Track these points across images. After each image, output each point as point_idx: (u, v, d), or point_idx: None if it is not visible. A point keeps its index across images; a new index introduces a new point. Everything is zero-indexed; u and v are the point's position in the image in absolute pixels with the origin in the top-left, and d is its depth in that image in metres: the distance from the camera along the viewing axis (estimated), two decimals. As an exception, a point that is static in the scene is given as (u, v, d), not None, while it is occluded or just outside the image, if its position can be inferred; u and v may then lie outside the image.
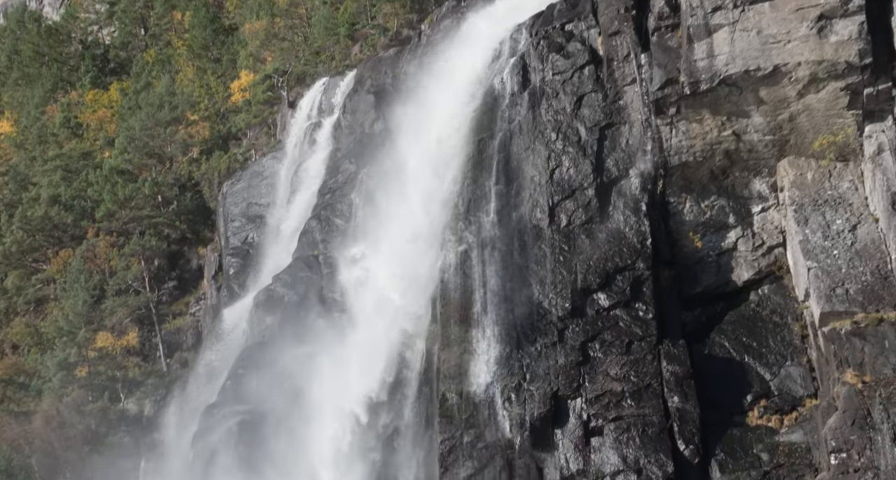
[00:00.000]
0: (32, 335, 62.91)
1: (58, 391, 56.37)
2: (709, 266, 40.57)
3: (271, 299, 45.88)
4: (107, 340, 57.25)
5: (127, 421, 55.19)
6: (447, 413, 39.32)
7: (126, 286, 59.80)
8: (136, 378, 56.26)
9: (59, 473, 53.92)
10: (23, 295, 64.00)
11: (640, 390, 38.04)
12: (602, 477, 37.52)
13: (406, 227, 42.41)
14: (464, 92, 43.16)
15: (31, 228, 64.57)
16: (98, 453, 54.30)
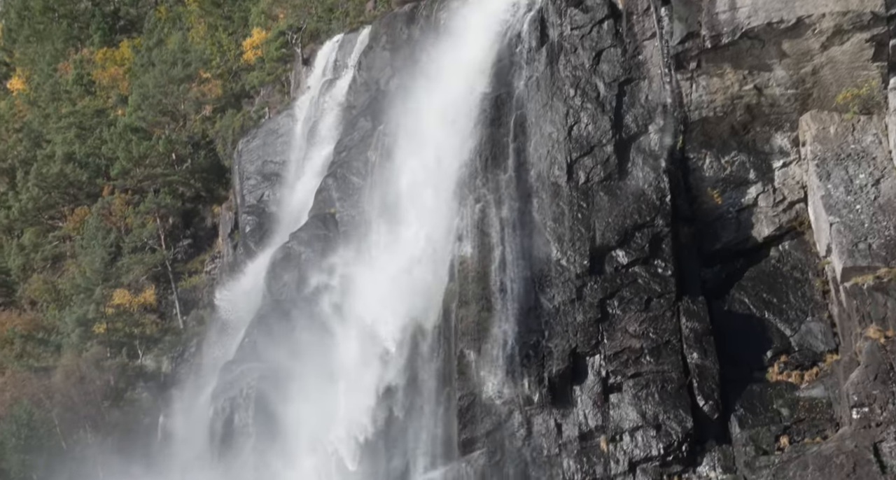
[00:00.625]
0: (50, 291, 62.92)
1: (77, 347, 56.38)
2: (729, 222, 39.95)
3: (288, 257, 45.47)
4: (124, 297, 57.12)
5: (145, 378, 55.20)
6: (465, 371, 38.97)
7: (142, 243, 59.60)
8: (154, 335, 56.24)
9: (79, 427, 53.95)
10: (40, 251, 63.94)
11: (659, 347, 37.62)
12: (621, 433, 37.19)
13: (423, 186, 41.82)
14: (481, 48, 42.37)
15: (47, 185, 64.39)
16: (117, 408, 54.30)
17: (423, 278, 40.73)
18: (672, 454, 36.63)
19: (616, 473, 36.99)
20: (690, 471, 36.55)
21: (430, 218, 41.11)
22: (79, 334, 56.70)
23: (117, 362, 55.49)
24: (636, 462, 36.88)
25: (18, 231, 65.98)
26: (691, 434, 36.61)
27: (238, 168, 54.67)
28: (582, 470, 37.18)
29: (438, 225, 40.86)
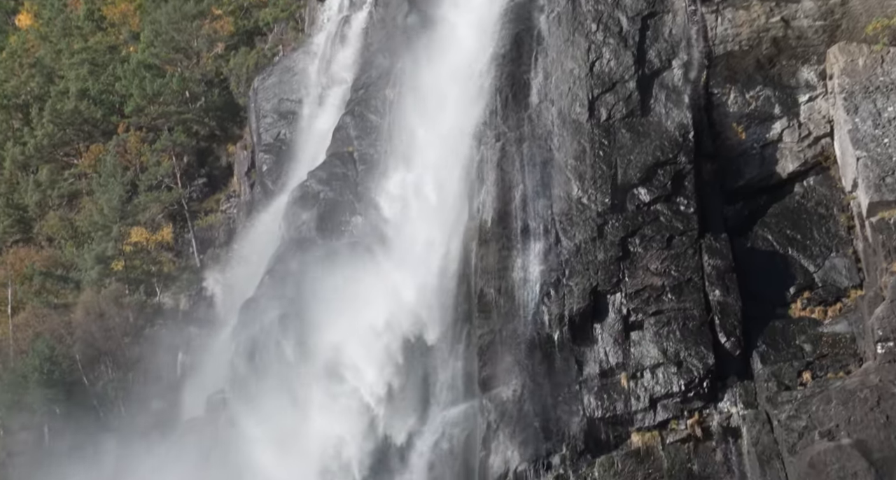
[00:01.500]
0: (67, 228, 62.52)
1: (96, 283, 55.98)
2: (752, 158, 38.93)
3: (306, 195, 44.54)
4: (141, 235, 56.54)
5: (163, 315, 54.86)
6: (485, 309, 38.23)
7: (157, 182, 58.82)
8: (171, 273, 55.64)
9: (99, 363, 53.66)
10: (56, 188, 63.34)
11: (680, 284, 36.86)
12: (642, 370, 36.56)
13: (441, 123, 40.68)
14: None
15: (62, 122, 63.61)
16: (137, 345, 53.91)
17: (444, 218, 39.79)
18: (693, 390, 36.07)
19: (637, 409, 36.44)
20: (711, 407, 36.01)
21: (449, 157, 40.12)
22: (98, 271, 56.28)
23: (136, 299, 55.10)
24: (657, 398, 36.33)
25: (34, 167, 65.33)
26: (713, 371, 36.02)
27: (254, 106, 53.56)
28: (602, 407, 36.62)
29: (458, 163, 39.87)
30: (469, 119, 40.00)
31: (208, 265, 55.67)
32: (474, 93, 40.07)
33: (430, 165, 40.64)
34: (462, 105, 40.37)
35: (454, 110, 40.46)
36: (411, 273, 39.62)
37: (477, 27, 40.87)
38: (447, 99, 40.75)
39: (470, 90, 40.14)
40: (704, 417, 35.92)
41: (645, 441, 36.35)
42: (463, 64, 40.75)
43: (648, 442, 36.26)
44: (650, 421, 36.28)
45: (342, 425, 39.81)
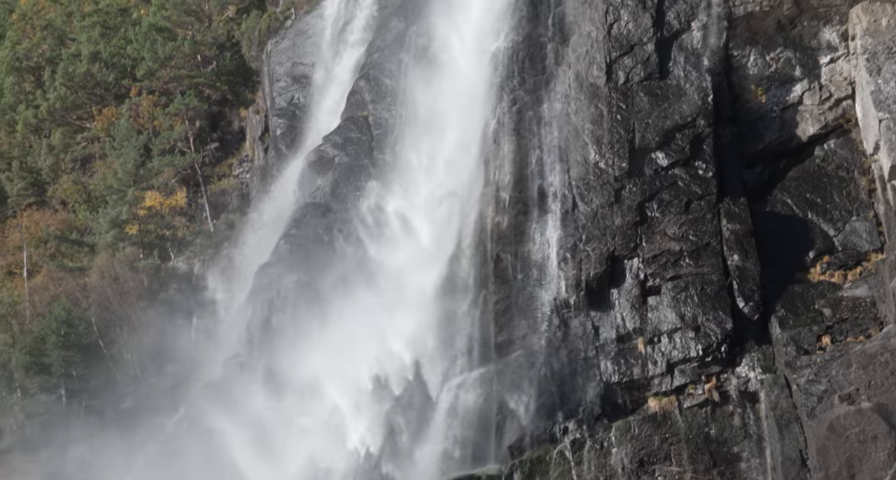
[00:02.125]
0: (80, 192, 61.61)
1: (111, 247, 55.21)
2: (772, 121, 37.85)
3: (321, 160, 43.58)
4: (155, 199, 55.57)
5: (178, 279, 54.12)
6: (501, 275, 37.49)
7: (171, 146, 57.82)
8: (185, 237, 54.81)
9: (115, 326, 52.95)
10: (69, 152, 62.48)
11: (698, 249, 36.03)
12: (659, 335, 35.84)
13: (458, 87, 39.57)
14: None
15: (74, 85, 62.57)
16: (152, 309, 53.24)
17: (458, 183, 38.81)
18: (711, 355, 35.39)
19: (654, 374, 35.77)
20: (729, 372, 35.35)
21: (465, 120, 39.07)
22: (113, 235, 55.55)
23: (150, 263, 54.33)
24: (674, 363, 35.65)
25: (47, 131, 64.33)
26: (731, 336, 35.31)
27: (267, 70, 52.41)
28: (619, 372, 35.96)
29: (473, 128, 38.83)
30: (485, 83, 38.97)
31: (221, 230, 54.89)
32: (490, 57, 39.04)
33: (445, 131, 39.69)
34: (477, 69, 39.32)
35: (469, 74, 39.46)
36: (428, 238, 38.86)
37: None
38: (463, 63, 39.73)
39: (486, 54, 39.11)
40: (722, 382, 35.27)
41: (662, 405, 35.71)
42: (478, 25, 39.62)
43: (665, 407, 35.62)
44: (667, 386, 35.65)
45: (351, 396, 39.22)
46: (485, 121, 38.69)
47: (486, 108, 38.73)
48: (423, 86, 40.92)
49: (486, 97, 38.75)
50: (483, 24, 39.65)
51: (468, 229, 38.42)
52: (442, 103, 40.24)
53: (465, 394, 37.53)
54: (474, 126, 38.79)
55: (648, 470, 35.12)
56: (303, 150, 47.16)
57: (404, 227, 40.03)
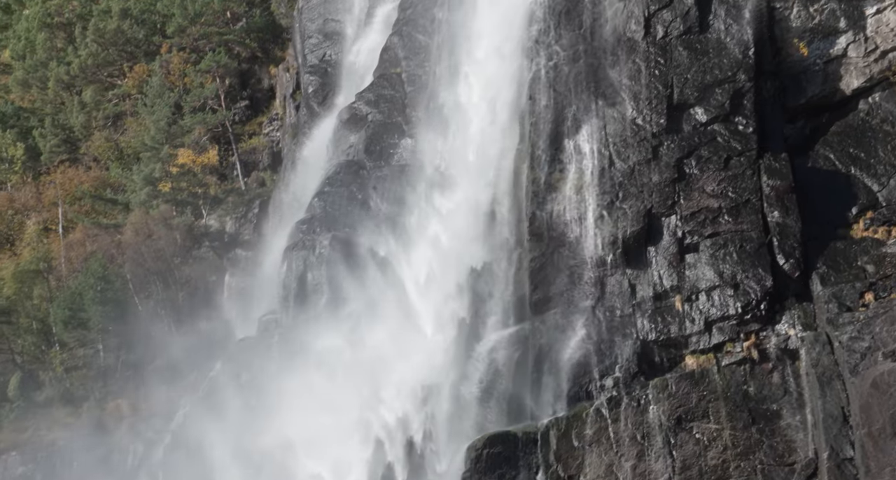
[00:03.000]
0: (112, 149, 60.26)
1: (145, 204, 53.98)
2: (815, 75, 36.16)
3: (354, 117, 42.07)
4: (188, 157, 54.14)
5: (210, 237, 52.97)
6: (537, 232, 36.02)
7: (202, 103, 56.23)
8: (217, 195, 53.46)
9: (149, 283, 51.84)
10: (101, 109, 61.15)
11: (738, 206, 34.54)
12: (697, 293, 34.45)
13: (492, 41, 37.75)
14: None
15: (105, 42, 61.10)
16: (185, 266, 52.08)
17: (493, 140, 37.17)
18: (750, 312, 34.05)
19: (691, 332, 34.44)
20: (769, 329, 34.02)
21: (499, 76, 37.30)
22: (146, 192, 54.37)
23: (183, 220, 53.13)
24: (712, 320, 34.33)
25: (79, 88, 62.90)
26: (770, 293, 33.96)
27: (299, 26, 50.67)
28: (656, 330, 34.65)
29: (508, 84, 37.08)
30: (521, 38, 37.15)
31: (253, 188, 53.50)
32: (526, 12, 37.15)
33: (481, 87, 37.94)
34: (513, 24, 37.45)
35: (505, 29, 37.62)
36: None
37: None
38: (498, 17, 37.88)
39: (521, 8, 37.22)
40: (761, 339, 33.97)
41: (699, 363, 34.42)
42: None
43: (703, 365, 34.34)
44: (705, 344, 34.35)
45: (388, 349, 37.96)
46: (520, 76, 37.08)
47: (522, 64, 37.05)
48: (458, 42, 39.22)
49: (523, 52, 37.01)
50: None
51: (503, 187, 37.02)
52: (477, 57, 38.56)
53: (501, 352, 36.39)
54: (510, 83, 37.17)
55: (686, 428, 33.92)
56: (335, 108, 45.78)
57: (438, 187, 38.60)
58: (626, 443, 34.10)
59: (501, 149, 37.27)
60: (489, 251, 37.26)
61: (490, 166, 37.37)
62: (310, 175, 45.41)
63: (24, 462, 48.18)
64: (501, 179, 37.13)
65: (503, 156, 37.22)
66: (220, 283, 51.23)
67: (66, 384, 50.83)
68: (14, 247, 58.85)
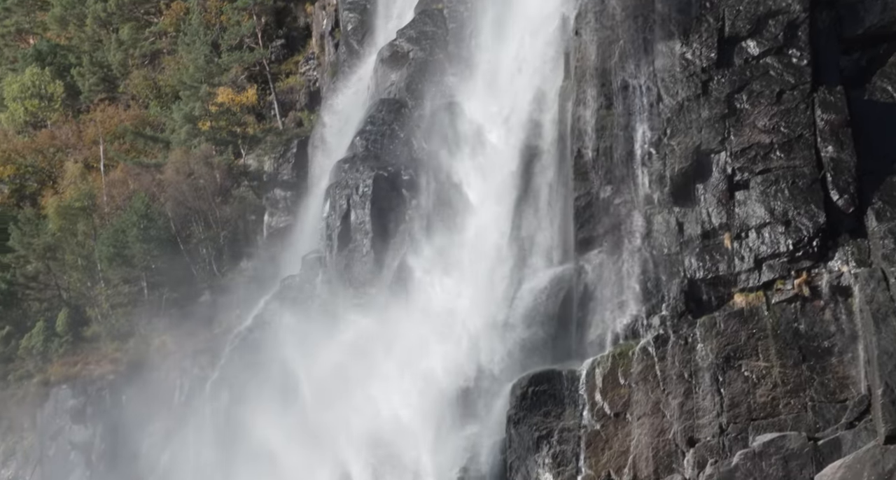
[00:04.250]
0: (151, 87, 58.23)
1: (185, 143, 52.10)
2: (873, 3, 33.35)
3: (395, 55, 39.85)
4: (227, 95, 51.98)
5: (249, 177, 51.11)
6: (582, 170, 34.03)
7: (239, 42, 53.91)
8: (256, 135, 51.39)
9: (190, 222, 50.21)
10: (138, 47, 58.90)
11: (790, 141, 32.33)
12: (746, 230, 32.49)
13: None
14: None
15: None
16: (226, 205, 50.39)
17: (536, 75, 34.91)
18: (802, 249, 32.07)
19: (740, 270, 32.53)
20: (821, 266, 32.05)
21: (544, 11, 34.89)
22: (186, 131, 52.38)
23: (223, 159, 51.17)
24: (762, 258, 32.38)
25: (116, 25, 60.66)
26: (823, 230, 31.93)
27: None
28: (704, 268, 32.75)
29: (553, 19, 34.69)
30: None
31: (290, 127, 51.47)
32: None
33: (525, 21, 35.56)
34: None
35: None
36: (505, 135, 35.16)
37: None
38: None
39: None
40: (813, 276, 32.00)
41: (749, 301, 32.57)
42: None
43: (752, 303, 32.48)
44: (754, 282, 32.46)
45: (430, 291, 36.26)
46: (565, 11, 34.65)
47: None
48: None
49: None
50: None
51: (547, 126, 34.88)
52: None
53: (545, 292, 34.59)
54: (554, 17, 34.75)
55: (734, 366, 32.19)
56: (375, 46, 43.40)
57: (480, 124, 36.45)
58: (674, 381, 32.46)
59: (546, 86, 35.18)
60: (533, 190, 35.36)
61: (535, 103, 35.23)
62: (350, 114, 43.40)
63: (75, 396, 47.54)
64: (546, 117, 35.08)
65: (547, 93, 35.13)
66: (259, 223, 49.65)
67: (111, 320, 49.72)
68: (56, 185, 57.40)
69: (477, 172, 36.18)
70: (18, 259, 53.40)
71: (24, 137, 61.10)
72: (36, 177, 59.06)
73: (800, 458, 30.61)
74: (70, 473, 46.71)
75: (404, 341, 35.49)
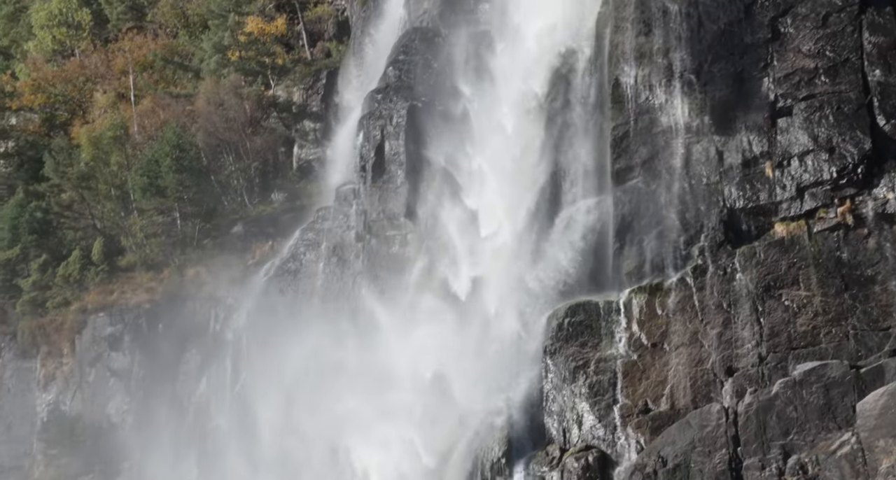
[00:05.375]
0: (179, 17, 56.31)
1: (214, 73, 50.29)
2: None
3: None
4: (256, 25, 50.02)
5: (278, 108, 49.57)
6: (619, 99, 32.34)
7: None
8: (285, 65, 49.55)
9: (221, 153, 48.82)
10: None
11: (836, 65, 30.44)
12: (789, 158, 30.80)
13: None
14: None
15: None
16: (256, 136, 48.84)
17: (574, 2, 32.89)
18: (846, 177, 30.38)
19: (782, 199, 30.95)
20: (865, 194, 30.38)
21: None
22: (216, 60, 50.67)
23: (253, 90, 49.45)
24: (804, 186, 30.75)
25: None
26: (869, 156, 30.18)
27: None
28: (744, 197, 31.22)
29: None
30: None
31: (319, 58, 49.54)
32: None
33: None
34: None
35: None
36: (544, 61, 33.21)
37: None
38: None
39: None
40: (857, 204, 30.37)
41: (790, 230, 31.00)
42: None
43: (793, 232, 30.92)
44: (796, 210, 30.86)
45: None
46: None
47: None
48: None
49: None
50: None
51: (586, 52, 32.99)
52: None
53: (581, 222, 33.09)
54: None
55: (774, 295, 30.79)
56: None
57: (514, 50, 34.55)
58: (712, 311, 31.15)
59: (582, 11, 33.19)
60: (569, 120, 33.60)
61: (570, 30, 33.27)
62: (381, 43, 41.48)
63: (112, 323, 46.98)
64: (583, 43, 33.18)
65: (584, 18, 33.16)
66: (289, 155, 48.17)
67: (146, 250, 48.73)
68: (86, 115, 55.95)
69: (510, 101, 34.44)
70: (53, 188, 52.56)
71: (53, 66, 59.67)
72: (66, 107, 57.85)
73: (841, 386, 29.37)
74: (110, 399, 46.31)
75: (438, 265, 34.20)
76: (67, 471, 45.84)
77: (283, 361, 37.70)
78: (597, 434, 31.47)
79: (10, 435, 49.08)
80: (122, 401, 45.89)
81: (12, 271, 50.95)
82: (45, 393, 48.83)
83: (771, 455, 29.47)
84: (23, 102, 57.60)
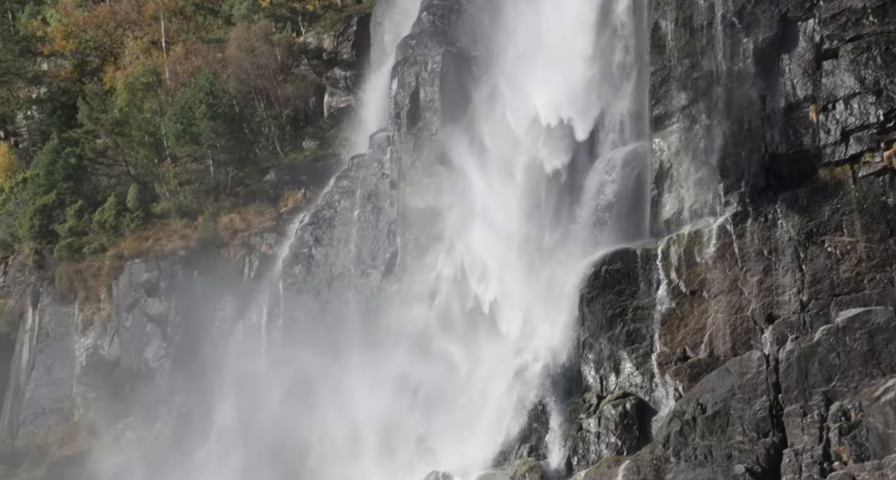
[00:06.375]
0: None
1: (245, 19, 48.89)
2: None
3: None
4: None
5: (309, 55, 48.03)
6: (659, 43, 31.07)
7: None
8: (316, 11, 48.10)
9: (253, 100, 47.64)
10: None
11: (885, 5, 28.98)
12: (834, 102, 29.45)
13: None
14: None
15: None
16: (288, 82, 47.60)
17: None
18: (893, 120, 29.04)
19: (826, 143, 29.64)
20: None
21: None
22: (247, 6, 49.18)
23: (284, 36, 48.09)
24: (850, 130, 29.42)
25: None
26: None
27: None
28: (787, 142, 29.91)
29: None
30: None
31: (350, 3, 48.11)
32: None
33: None
34: None
35: None
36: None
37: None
38: None
39: None
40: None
41: (834, 175, 29.74)
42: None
43: (838, 177, 29.66)
44: (840, 155, 29.57)
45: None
46: None
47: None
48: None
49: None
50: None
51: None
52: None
53: (619, 169, 31.98)
54: None
55: (817, 242, 29.65)
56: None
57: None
58: (752, 259, 30.07)
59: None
60: (607, 65, 32.33)
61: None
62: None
63: (149, 270, 46.27)
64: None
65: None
66: (319, 103, 46.94)
67: (179, 197, 47.87)
68: (118, 61, 54.80)
69: (546, 47, 33.13)
70: (87, 134, 51.65)
71: (84, 12, 58.48)
72: (97, 53, 56.75)
73: (886, 332, 28.27)
74: (147, 344, 45.91)
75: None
76: (107, 414, 45.66)
77: (318, 308, 37.12)
78: (634, 381, 30.69)
79: (50, 378, 48.87)
80: (159, 347, 45.47)
81: (49, 216, 50.40)
82: (83, 338, 48.49)
83: (813, 401, 28.55)
84: (54, 47, 56.66)
